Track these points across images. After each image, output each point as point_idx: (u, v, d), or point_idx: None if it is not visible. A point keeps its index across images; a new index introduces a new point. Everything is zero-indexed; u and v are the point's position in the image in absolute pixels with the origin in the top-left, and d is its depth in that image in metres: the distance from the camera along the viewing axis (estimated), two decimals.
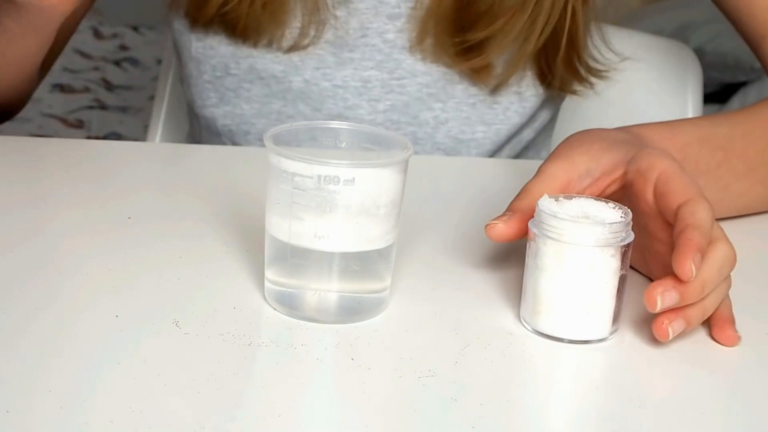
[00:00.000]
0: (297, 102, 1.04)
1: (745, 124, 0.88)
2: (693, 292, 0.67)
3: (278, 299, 0.71)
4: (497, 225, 0.72)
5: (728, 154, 0.86)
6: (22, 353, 0.64)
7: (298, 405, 0.62)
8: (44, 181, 0.89)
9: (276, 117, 1.05)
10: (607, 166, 0.75)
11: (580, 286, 0.68)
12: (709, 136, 0.85)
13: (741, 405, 0.66)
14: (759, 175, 0.87)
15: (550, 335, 0.69)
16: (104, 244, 0.79)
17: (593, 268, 0.68)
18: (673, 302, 0.66)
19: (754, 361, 0.70)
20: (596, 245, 0.67)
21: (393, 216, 0.69)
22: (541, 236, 0.68)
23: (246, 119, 1.06)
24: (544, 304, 0.69)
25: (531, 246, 0.70)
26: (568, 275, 0.68)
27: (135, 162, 0.97)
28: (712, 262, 0.68)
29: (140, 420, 0.59)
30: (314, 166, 0.67)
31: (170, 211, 0.85)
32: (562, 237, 0.67)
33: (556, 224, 0.68)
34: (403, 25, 1.01)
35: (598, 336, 0.69)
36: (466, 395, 0.64)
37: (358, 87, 1.03)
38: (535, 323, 0.70)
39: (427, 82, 1.03)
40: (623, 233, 0.68)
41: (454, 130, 1.06)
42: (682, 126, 0.86)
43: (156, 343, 0.66)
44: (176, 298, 0.72)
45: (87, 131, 3.12)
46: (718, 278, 0.68)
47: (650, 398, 0.65)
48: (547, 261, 0.68)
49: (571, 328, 0.69)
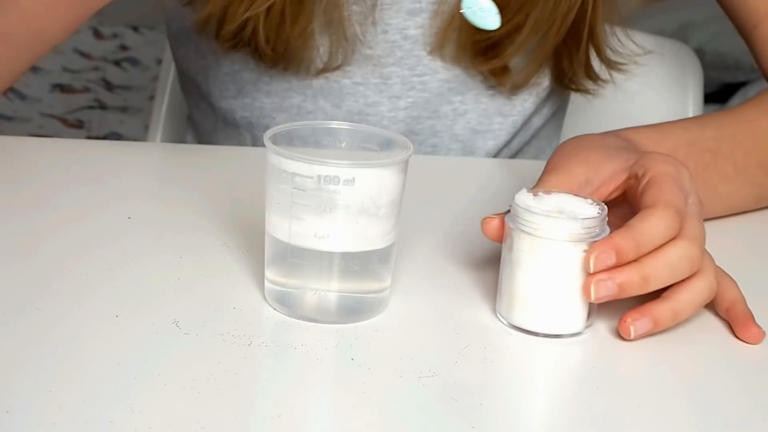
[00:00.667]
0: (317, 98, 1.03)
1: (732, 125, 0.89)
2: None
3: (278, 299, 0.71)
4: (494, 220, 0.72)
5: (716, 156, 0.86)
6: (21, 353, 0.64)
7: (298, 405, 0.62)
8: (44, 181, 0.89)
9: (296, 112, 1.04)
10: (606, 175, 0.74)
11: (554, 280, 0.68)
12: (697, 139, 0.85)
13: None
14: (747, 176, 0.88)
15: (526, 329, 0.69)
16: (104, 244, 0.79)
17: (567, 263, 0.68)
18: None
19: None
20: (569, 240, 0.68)
21: (393, 216, 0.69)
22: (516, 230, 0.69)
23: (266, 113, 1.05)
24: (519, 299, 0.69)
25: (507, 240, 0.70)
26: (542, 270, 0.68)
27: (135, 162, 0.97)
28: (662, 256, 0.68)
29: (140, 420, 0.59)
30: (314, 166, 0.67)
31: (170, 211, 0.85)
32: (535, 231, 0.68)
33: (530, 219, 0.68)
34: (423, 21, 1.01)
35: (572, 330, 0.70)
36: (466, 395, 0.64)
37: (378, 84, 1.03)
38: (511, 317, 0.70)
39: (448, 77, 1.03)
40: (597, 228, 0.68)
41: (472, 122, 1.06)
42: (670, 129, 0.86)
43: (156, 343, 0.66)
44: (176, 298, 0.72)
45: (87, 131, 3.12)
46: (667, 273, 0.68)
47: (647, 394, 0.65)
48: (521, 255, 0.69)
49: (546, 323, 0.69)
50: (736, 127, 0.89)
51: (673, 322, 0.70)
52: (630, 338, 0.69)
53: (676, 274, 0.69)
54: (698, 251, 0.69)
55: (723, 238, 0.86)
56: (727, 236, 0.87)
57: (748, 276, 0.75)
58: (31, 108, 3.16)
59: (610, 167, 0.75)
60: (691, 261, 0.69)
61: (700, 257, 0.69)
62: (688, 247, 0.69)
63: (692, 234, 0.70)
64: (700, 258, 0.69)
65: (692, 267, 0.69)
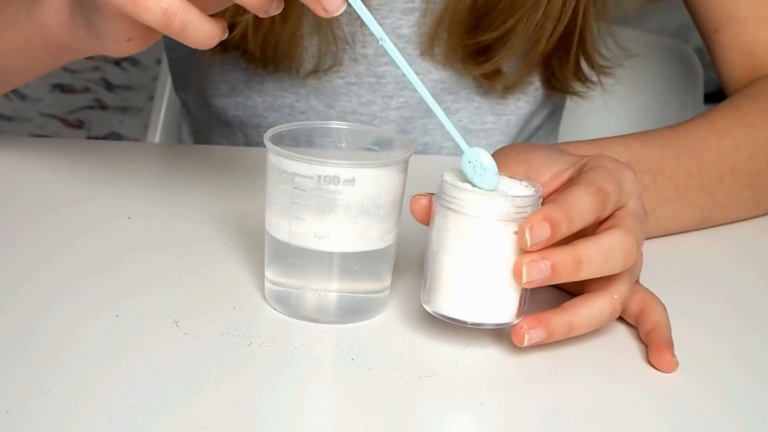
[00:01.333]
0: (310, 97, 1.03)
1: (676, 145, 0.85)
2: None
3: (278, 299, 0.71)
4: (423, 198, 0.69)
5: (656, 177, 0.83)
6: (22, 353, 0.64)
7: (298, 405, 0.62)
8: (44, 181, 0.89)
9: (288, 112, 1.04)
10: (547, 177, 0.72)
11: (480, 263, 0.64)
12: (637, 158, 0.82)
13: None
14: (688, 199, 0.85)
15: (449, 317, 0.66)
16: (104, 245, 0.79)
17: (495, 245, 0.64)
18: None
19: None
20: (499, 219, 0.64)
21: (393, 216, 0.69)
22: (441, 208, 0.65)
23: (258, 112, 1.05)
24: (442, 283, 0.66)
25: (433, 220, 0.66)
26: (467, 251, 0.64)
27: (135, 162, 0.97)
28: (596, 240, 0.65)
29: (140, 420, 0.59)
30: (314, 166, 0.67)
31: (170, 211, 0.85)
32: (462, 209, 0.64)
33: (456, 195, 0.64)
34: (416, 20, 1.00)
35: (501, 320, 0.66)
36: (466, 395, 0.64)
37: (372, 83, 1.03)
38: (435, 304, 0.67)
39: (441, 77, 1.03)
40: (530, 209, 0.64)
41: (464, 120, 1.06)
42: (611, 146, 0.82)
43: (156, 343, 0.66)
44: (176, 298, 0.72)
45: (87, 131, 3.12)
46: (600, 260, 0.65)
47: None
48: (446, 235, 0.65)
49: (471, 310, 0.65)
50: (682, 147, 0.85)
51: (567, 335, 0.67)
52: (522, 346, 0.66)
53: (610, 264, 0.66)
54: (634, 245, 0.66)
55: (722, 244, 0.87)
56: (727, 242, 0.87)
57: (741, 283, 0.75)
58: (31, 108, 3.17)
59: (551, 169, 0.72)
60: (625, 252, 0.66)
61: (635, 253, 0.66)
62: (624, 237, 0.66)
63: (630, 227, 0.67)
64: (635, 254, 0.66)
65: (626, 260, 0.66)
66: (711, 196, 0.86)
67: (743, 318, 0.76)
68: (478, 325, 0.66)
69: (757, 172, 0.88)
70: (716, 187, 0.86)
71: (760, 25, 0.98)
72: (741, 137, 0.87)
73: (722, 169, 0.86)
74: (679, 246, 0.85)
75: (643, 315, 0.71)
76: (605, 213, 0.67)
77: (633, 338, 0.71)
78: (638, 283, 0.72)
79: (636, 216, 0.68)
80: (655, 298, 0.72)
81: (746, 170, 0.87)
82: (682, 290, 0.78)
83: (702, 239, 0.87)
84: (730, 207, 0.87)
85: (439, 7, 0.99)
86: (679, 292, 0.77)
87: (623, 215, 0.68)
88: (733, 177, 0.87)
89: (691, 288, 0.80)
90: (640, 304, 0.71)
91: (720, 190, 0.86)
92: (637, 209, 0.69)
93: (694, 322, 0.74)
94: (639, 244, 0.68)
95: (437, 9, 0.99)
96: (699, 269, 0.84)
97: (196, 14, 0.67)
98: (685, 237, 0.86)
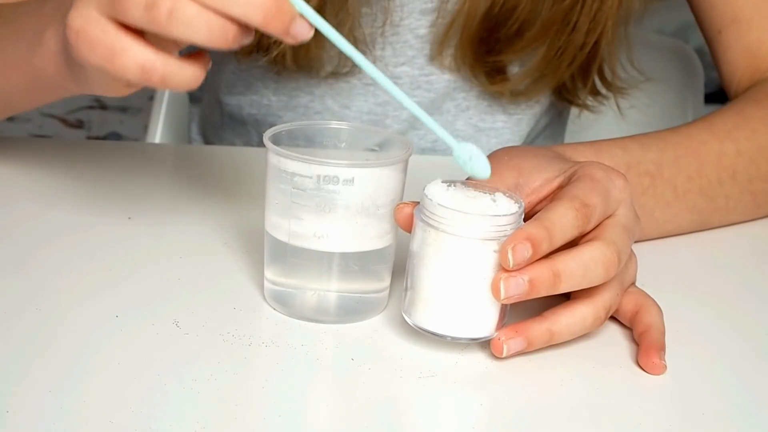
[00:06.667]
0: (325, 97, 1.03)
1: (676, 148, 0.84)
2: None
3: (278, 299, 0.71)
4: (407, 207, 0.68)
5: (655, 181, 0.83)
6: (22, 353, 0.65)
7: (298, 405, 0.62)
8: (44, 181, 0.89)
9: (303, 111, 1.04)
10: (537, 183, 0.71)
11: (458, 279, 0.65)
12: (636, 161, 0.82)
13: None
14: (687, 203, 0.84)
15: (428, 330, 0.66)
16: (104, 244, 0.79)
17: (474, 262, 0.64)
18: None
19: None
20: (479, 238, 0.64)
21: (392, 216, 0.69)
22: (422, 223, 0.65)
23: (273, 111, 1.05)
24: (421, 297, 0.66)
25: (414, 231, 0.67)
26: (446, 267, 0.64)
27: (135, 162, 0.97)
28: (575, 253, 0.65)
29: (140, 420, 0.59)
30: (313, 166, 0.67)
31: (170, 211, 0.85)
32: (441, 226, 0.64)
33: (437, 212, 0.64)
34: (434, 20, 1.00)
35: (480, 334, 0.66)
36: (466, 395, 0.64)
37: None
38: (414, 317, 0.67)
39: (454, 77, 1.03)
40: (510, 227, 0.64)
41: (474, 119, 1.05)
42: (609, 148, 0.81)
43: (156, 343, 0.66)
44: (176, 298, 0.72)
45: (87, 131, 3.12)
46: (579, 273, 0.65)
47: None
48: (426, 250, 0.65)
49: (450, 325, 0.66)
50: (682, 150, 0.84)
51: (548, 343, 0.67)
52: (502, 356, 0.66)
53: (589, 276, 0.65)
54: (615, 257, 0.66)
55: (720, 245, 0.87)
56: (725, 243, 0.87)
57: (740, 284, 0.75)
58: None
59: (541, 176, 0.71)
60: (606, 265, 0.65)
61: (617, 264, 0.66)
62: (605, 250, 0.65)
63: (612, 239, 0.66)
64: (617, 265, 0.66)
65: (607, 272, 0.65)
66: (710, 200, 0.86)
67: (742, 318, 0.76)
68: (457, 339, 0.66)
69: (758, 176, 0.87)
70: (716, 191, 0.86)
71: (764, 27, 0.97)
72: (743, 141, 0.87)
73: (723, 173, 0.86)
74: (676, 247, 0.85)
75: (637, 317, 0.71)
76: (589, 227, 0.67)
77: (632, 340, 0.71)
78: (634, 285, 0.72)
79: (622, 226, 0.68)
80: (650, 300, 0.71)
81: (747, 174, 0.87)
82: (679, 291, 0.78)
83: (699, 240, 0.87)
84: (730, 211, 0.87)
85: (455, 9, 0.98)
86: (676, 293, 0.77)
87: (607, 226, 0.67)
88: (733, 181, 0.86)
89: (688, 289, 0.80)
90: (634, 306, 0.71)
91: (720, 194, 0.86)
92: (626, 217, 0.69)
93: (692, 324, 0.74)
94: (622, 255, 0.67)
95: (453, 11, 0.98)
96: (696, 270, 0.84)
97: (174, 63, 0.65)
98: (683, 238, 0.86)
